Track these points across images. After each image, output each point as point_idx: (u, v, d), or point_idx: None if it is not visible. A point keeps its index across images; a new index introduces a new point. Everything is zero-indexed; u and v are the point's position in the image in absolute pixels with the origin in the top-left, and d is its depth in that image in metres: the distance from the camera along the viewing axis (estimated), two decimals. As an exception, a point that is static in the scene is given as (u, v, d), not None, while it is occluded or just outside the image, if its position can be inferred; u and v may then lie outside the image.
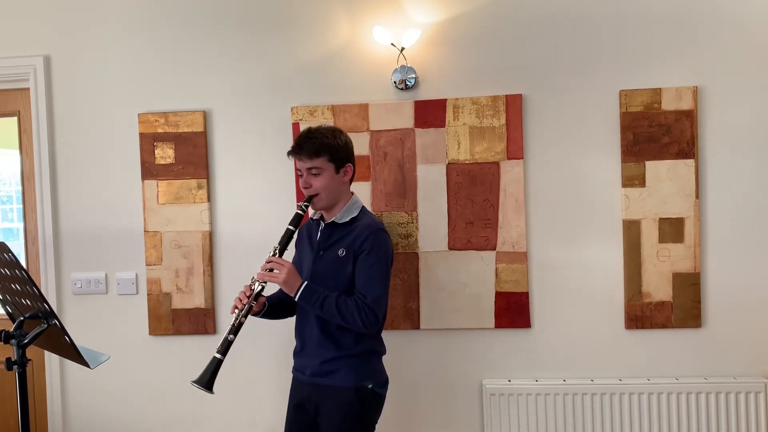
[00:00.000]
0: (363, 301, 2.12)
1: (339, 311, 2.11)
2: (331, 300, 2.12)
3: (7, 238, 3.25)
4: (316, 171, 2.18)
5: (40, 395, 3.11)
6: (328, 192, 2.21)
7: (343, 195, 2.27)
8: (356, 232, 2.20)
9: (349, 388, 2.17)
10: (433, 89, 2.82)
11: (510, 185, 2.78)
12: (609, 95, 2.75)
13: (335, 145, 2.20)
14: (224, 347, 2.14)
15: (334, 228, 2.25)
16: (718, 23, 2.71)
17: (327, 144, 2.18)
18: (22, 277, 1.83)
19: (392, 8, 2.82)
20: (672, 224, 2.72)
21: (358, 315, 2.11)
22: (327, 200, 2.23)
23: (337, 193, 2.24)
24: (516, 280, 2.79)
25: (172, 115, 2.92)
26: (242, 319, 2.15)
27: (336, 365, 2.19)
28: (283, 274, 2.13)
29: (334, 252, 2.21)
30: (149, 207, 2.95)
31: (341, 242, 2.22)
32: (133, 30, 2.96)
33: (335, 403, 2.18)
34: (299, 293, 2.13)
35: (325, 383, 2.20)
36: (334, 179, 2.21)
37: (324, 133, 2.20)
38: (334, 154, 2.19)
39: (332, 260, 2.21)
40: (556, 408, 2.73)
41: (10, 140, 3.14)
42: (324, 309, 2.13)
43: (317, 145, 2.17)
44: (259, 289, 2.18)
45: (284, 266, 2.14)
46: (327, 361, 2.19)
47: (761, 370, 2.73)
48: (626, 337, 2.78)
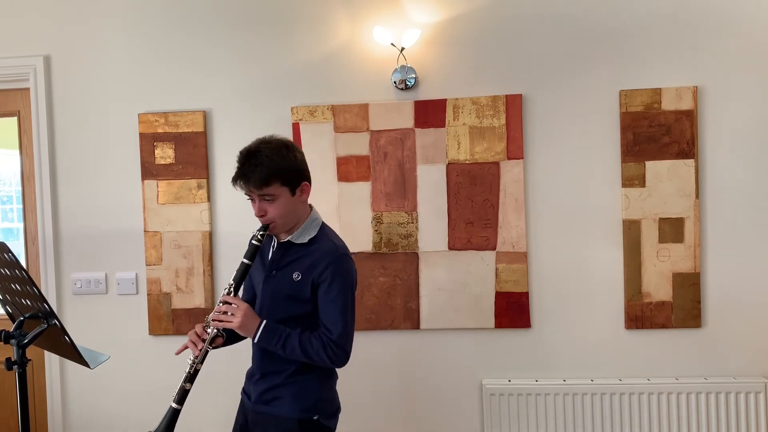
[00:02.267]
0: (329, 338, 1.92)
1: (303, 351, 1.91)
2: (294, 340, 1.92)
3: (7, 238, 3.25)
4: (269, 198, 1.92)
5: (40, 395, 3.11)
6: (285, 218, 1.96)
7: (302, 214, 2.01)
8: (315, 257, 1.96)
9: (292, 419, 1.96)
10: (433, 89, 2.82)
11: (510, 185, 2.78)
12: (609, 95, 2.75)
13: (286, 166, 1.92)
14: (180, 396, 1.95)
15: (290, 247, 2.00)
16: (718, 23, 2.71)
17: (277, 168, 1.89)
18: (22, 277, 1.83)
19: (392, 8, 2.82)
20: (672, 224, 2.72)
21: (325, 353, 1.91)
22: (285, 225, 1.98)
23: (295, 215, 1.98)
24: (516, 280, 2.79)
25: (172, 115, 2.93)
26: (198, 366, 1.95)
27: (279, 392, 1.99)
28: (239, 318, 1.91)
29: (289, 274, 1.98)
30: (149, 207, 2.95)
31: (297, 264, 1.98)
32: (133, 30, 2.96)
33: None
34: (258, 336, 1.92)
35: (266, 411, 2.00)
36: (290, 203, 1.94)
37: (271, 156, 1.90)
38: (285, 177, 1.91)
39: (286, 282, 1.98)
40: (556, 408, 2.73)
41: (10, 140, 3.14)
42: (287, 350, 1.92)
43: (266, 173, 1.88)
44: (214, 333, 1.95)
45: (239, 308, 1.92)
46: (270, 388, 2.01)
47: (761, 370, 2.73)
48: (626, 337, 2.78)
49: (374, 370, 2.87)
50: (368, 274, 2.83)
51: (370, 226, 2.84)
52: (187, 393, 1.96)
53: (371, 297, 2.84)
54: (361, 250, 2.84)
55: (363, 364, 2.88)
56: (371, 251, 2.84)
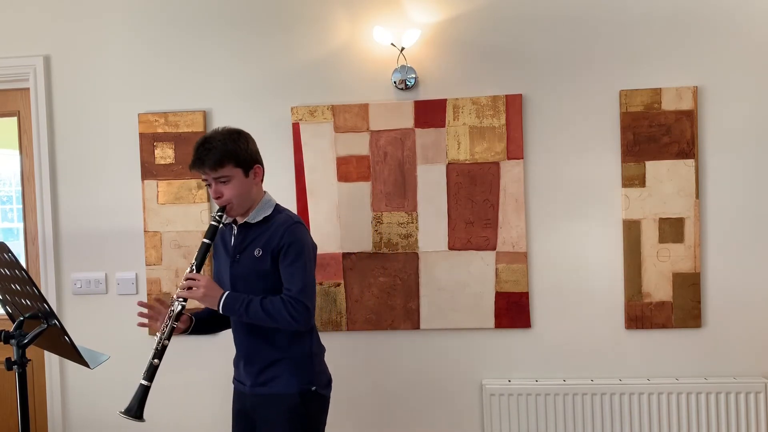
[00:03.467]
0: (288, 295, 2.04)
1: (265, 312, 2.02)
2: (256, 303, 2.03)
3: (7, 238, 3.25)
4: (224, 179, 2.07)
5: (40, 395, 3.11)
6: (240, 198, 2.10)
7: (256, 196, 2.16)
8: (272, 230, 2.10)
9: (292, 394, 2.08)
10: (433, 89, 2.82)
11: (510, 185, 2.78)
12: (609, 95, 2.75)
13: (238, 149, 2.08)
14: (150, 373, 2.04)
15: (248, 229, 2.15)
16: (718, 23, 2.71)
17: (229, 150, 2.06)
18: (22, 277, 1.83)
19: (392, 8, 2.81)
20: (672, 224, 2.72)
21: (286, 310, 2.01)
22: (241, 206, 2.12)
23: (249, 197, 2.13)
24: (516, 280, 2.79)
25: (172, 115, 2.92)
26: (165, 342, 2.06)
27: (275, 372, 2.10)
28: (201, 289, 2.05)
29: (251, 253, 2.12)
30: (149, 207, 2.95)
31: (256, 242, 2.12)
32: (134, 30, 2.96)
33: (278, 410, 2.08)
34: (221, 304, 2.05)
35: (266, 392, 2.11)
36: (244, 184, 2.10)
37: (223, 140, 2.07)
38: (238, 159, 2.08)
39: (250, 261, 2.12)
40: (556, 408, 2.73)
41: (10, 140, 3.14)
42: (250, 314, 2.04)
43: (219, 154, 2.04)
44: (179, 309, 2.07)
45: (200, 281, 2.06)
46: (264, 369, 2.11)
47: (761, 370, 2.73)
48: (626, 337, 2.78)
49: (374, 370, 2.87)
50: (368, 274, 2.83)
51: (370, 226, 2.84)
52: (156, 369, 2.06)
53: (371, 297, 2.84)
54: (361, 250, 2.84)
55: (363, 364, 2.88)
56: (371, 251, 2.84)
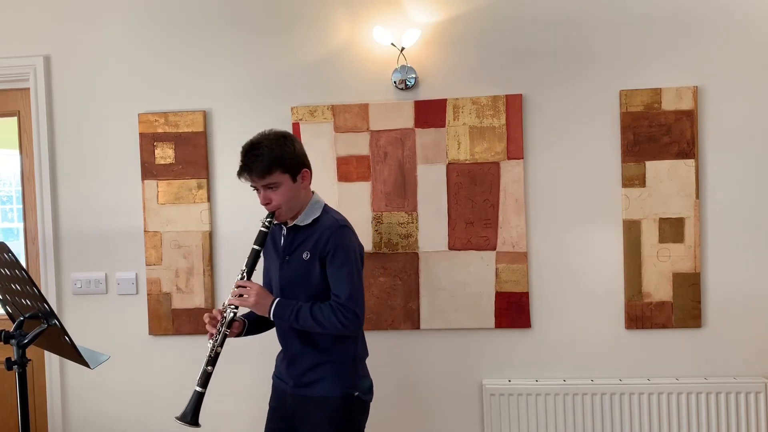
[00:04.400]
0: (337, 302, 2.05)
1: (315, 319, 2.04)
2: (305, 311, 2.05)
3: (7, 238, 3.25)
4: (272, 186, 2.07)
5: (40, 395, 3.11)
6: (289, 203, 2.10)
7: (305, 199, 2.16)
8: (318, 233, 2.11)
9: (335, 397, 2.09)
10: (433, 89, 2.82)
11: (510, 185, 2.78)
12: (609, 95, 2.75)
13: (285, 154, 2.07)
14: (203, 380, 2.06)
15: (297, 231, 2.15)
16: (718, 23, 2.71)
17: (277, 157, 2.05)
18: (22, 277, 1.83)
19: (392, 8, 2.82)
20: (672, 224, 2.72)
21: (335, 317, 2.03)
22: (290, 211, 2.13)
23: (298, 201, 2.13)
24: (516, 280, 2.79)
25: (172, 115, 2.93)
26: (218, 349, 2.07)
27: (318, 374, 2.12)
28: (252, 297, 2.07)
29: (299, 256, 2.12)
30: (149, 207, 2.95)
31: (305, 245, 2.12)
32: (134, 30, 2.96)
33: (320, 413, 2.10)
34: (272, 311, 2.07)
35: (309, 394, 2.12)
36: (292, 189, 2.10)
37: (270, 146, 2.05)
38: (286, 164, 2.07)
39: (298, 264, 2.12)
40: (556, 408, 2.73)
41: (10, 140, 3.14)
42: (300, 321, 2.06)
43: (266, 161, 2.03)
44: (231, 316, 2.08)
45: (252, 288, 2.08)
46: (308, 370, 2.13)
47: (761, 370, 2.73)
48: (626, 337, 2.78)
49: (374, 370, 2.85)
50: (368, 274, 2.83)
51: (370, 226, 2.84)
52: (210, 376, 2.06)
53: (371, 297, 2.84)
54: (361, 250, 2.85)
55: (363, 364, 2.88)
56: (371, 251, 2.84)
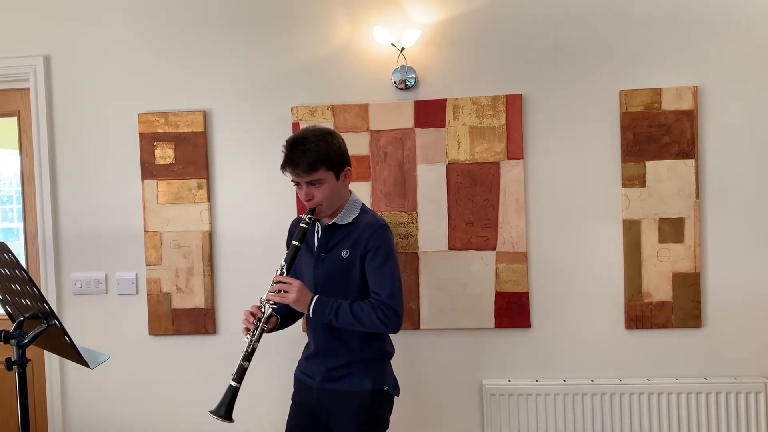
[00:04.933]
0: (378, 300, 2.05)
1: (355, 317, 2.04)
2: (345, 308, 2.05)
3: (7, 238, 3.25)
4: (316, 182, 2.06)
5: (40, 395, 3.11)
6: (331, 200, 2.10)
7: (345, 197, 2.17)
8: (359, 232, 2.11)
9: (365, 392, 2.11)
10: (433, 89, 2.82)
11: (510, 185, 2.78)
12: (609, 95, 2.75)
13: (331, 152, 2.07)
14: (239, 375, 2.04)
15: (336, 230, 2.16)
16: (718, 23, 2.71)
17: (323, 153, 2.04)
18: (22, 277, 1.83)
19: (392, 8, 2.81)
20: (672, 224, 2.72)
21: (376, 315, 2.03)
22: (330, 208, 2.13)
23: (339, 199, 2.13)
24: (516, 280, 2.79)
25: (172, 115, 2.92)
26: (255, 344, 2.06)
27: (348, 369, 2.13)
28: (294, 293, 2.05)
29: (338, 254, 2.13)
30: (149, 207, 2.95)
31: (344, 243, 2.13)
32: (134, 30, 2.96)
33: (350, 407, 2.11)
34: (311, 308, 2.07)
35: (337, 388, 2.14)
36: (335, 187, 2.10)
37: (317, 142, 2.05)
38: (331, 162, 2.07)
39: (336, 263, 2.13)
40: (556, 408, 2.73)
41: (10, 140, 3.14)
42: (339, 319, 2.05)
43: (313, 157, 2.03)
44: (269, 312, 2.08)
45: (293, 285, 2.06)
46: (338, 366, 2.14)
47: (761, 370, 2.73)
48: (626, 337, 2.78)
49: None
50: (368, 274, 2.83)
51: (370, 226, 2.84)
52: (245, 371, 2.06)
53: (371, 297, 2.84)
54: (361, 250, 2.85)
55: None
56: (371, 251, 2.84)
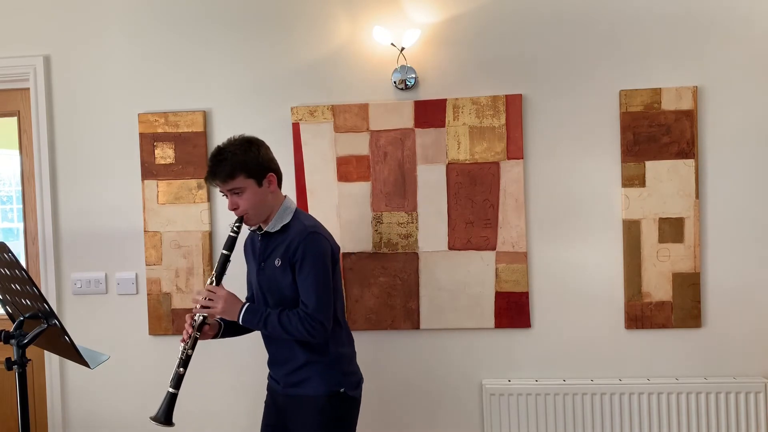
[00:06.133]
0: (305, 312, 2.05)
1: (283, 328, 2.06)
2: (273, 318, 2.07)
3: (7, 238, 3.25)
4: (237, 191, 2.09)
5: (40, 395, 3.11)
6: (256, 208, 2.12)
7: (275, 204, 2.16)
8: (289, 239, 2.11)
9: (321, 396, 2.11)
10: (433, 89, 2.82)
11: (510, 185, 2.78)
12: (609, 95, 2.75)
13: (249, 160, 2.08)
14: (176, 381, 2.10)
15: (270, 237, 2.17)
16: (717, 23, 2.70)
17: (239, 162, 2.07)
18: (22, 277, 1.83)
19: (392, 8, 2.81)
20: (672, 224, 2.72)
21: (302, 326, 2.04)
22: (257, 216, 2.14)
23: (266, 206, 2.14)
24: (516, 280, 2.79)
25: (172, 115, 2.92)
26: (189, 351, 2.10)
27: (305, 374, 2.13)
28: (220, 304, 2.09)
29: (272, 262, 2.14)
30: (149, 207, 2.95)
31: (276, 251, 2.14)
32: (133, 30, 2.96)
33: (307, 412, 2.12)
34: (241, 318, 2.09)
35: (296, 393, 2.15)
36: (258, 194, 2.11)
37: (233, 151, 2.08)
38: (250, 169, 2.08)
39: (272, 271, 2.14)
40: (556, 408, 2.73)
41: (10, 140, 3.14)
42: (268, 328, 2.08)
43: (229, 166, 2.06)
44: (201, 320, 2.11)
45: (220, 295, 2.10)
46: (295, 370, 2.15)
47: (761, 370, 2.73)
48: (626, 337, 2.78)
49: (374, 370, 2.87)
50: (368, 274, 2.83)
51: (370, 226, 2.84)
52: (182, 377, 2.11)
53: (371, 297, 2.84)
54: (361, 250, 2.84)
55: (363, 364, 2.86)
56: (371, 251, 2.84)
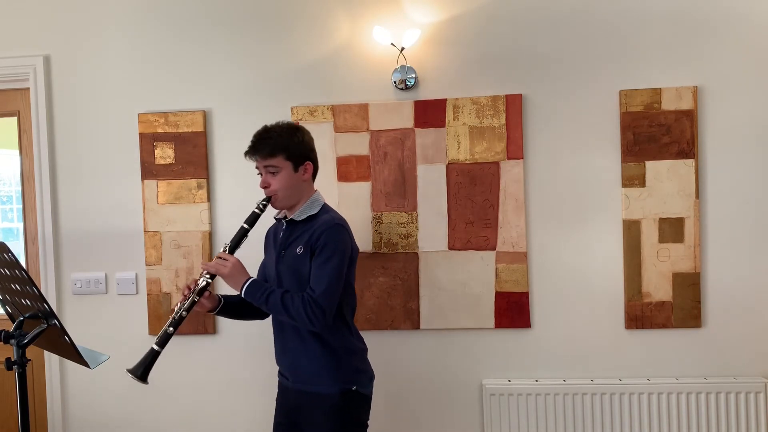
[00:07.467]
0: (310, 296, 2.05)
1: (284, 307, 2.05)
2: (276, 296, 2.07)
3: (7, 238, 3.25)
4: (273, 170, 2.13)
5: (40, 395, 3.11)
6: (286, 191, 2.15)
7: (304, 193, 2.20)
8: (313, 229, 2.13)
9: (334, 394, 2.11)
10: (433, 89, 2.82)
11: (510, 185, 2.78)
12: (609, 95, 2.75)
13: (292, 143, 2.14)
14: (162, 339, 2.08)
15: (294, 226, 2.19)
16: (717, 23, 2.70)
17: (283, 142, 2.12)
18: (22, 277, 1.83)
19: (392, 8, 2.81)
20: (672, 224, 2.72)
21: (303, 310, 2.03)
22: (286, 199, 2.17)
23: (296, 192, 2.17)
24: (516, 280, 2.79)
25: (172, 115, 2.92)
26: (183, 313, 2.10)
27: (316, 370, 2.14)
28: (228, 267, 2.10)
29: (294, 250, 2.15)
30: (149, 207, 2.95)
31: (299, 240, 2.15)
32: (133, 30, 2.96)
33: (320, 409, 2.12)
34: (243, 289, 2.10)
35: (308, 389, 2.15)
36: (292, 178, 2.15)
37: (280, 132, 2.14)
38: (291, 152, 2.13)
39: (292, 259, 2.15)
40: (556, 408, 2.73)
41: (10, 140, 3.14)
42: (269, 305, 2.08)
43: (272, 144, 2.12)
44: (203, 284, 2.13)
45: (230, 261, 2.12)
46: (306, 365, 2.15)
47: (761, 370, 2.73)
48: (626, 337, 2.78)
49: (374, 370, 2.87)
50: (368, 274, 2.83)
51: (370, 226, 2.84)
52: (170, 337, 2.09)
53: (371, 297, 2.84)
54: (361, 250, 2.83)
55: (363, 364, 2.88)
56: (371, 251, 2.84)
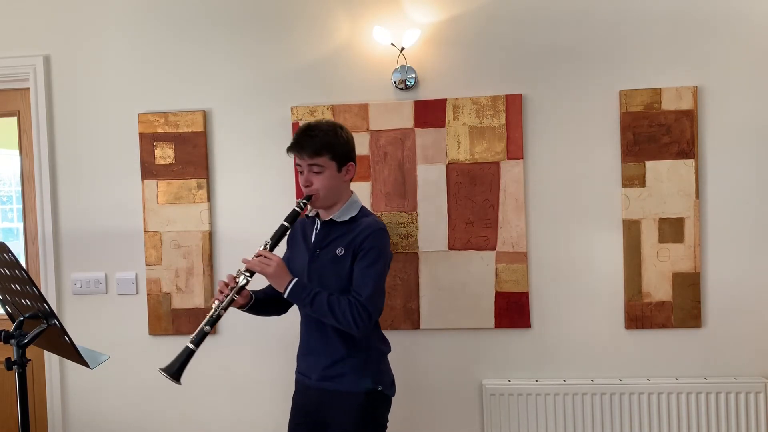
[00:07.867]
0: (357, 300, 2.03)
1: (331, 309, 2.02)
2: (322, 297, 2.03)
3: (7, 238, 3.25)
4: (317, 169, 2.08)
5: (40, 395, 3.11)
6: (328, 191, 2.11)
7: (343, 194, 2.17)
8: (357, 231, 2.10)
9: (358, 393, 2.10)
10: (433, 89, 2.82)
11: (510, 185, 2.78)
12: (609, 95, 2.75)
13: (337, 143, 2.10)
14: (199, 338, 2.01)
15: (332, 226, 2.16)
16: (718, 23, 2.70)
17: (329, 142, 2.08)
18: (21, 277, 1.83)
19: (392, 8, 2.81)
20: (672, 224, 2.72)
21: (350, 313, 2.01)
22: (327, 199, 2.13)
23: (336, 193, 2.14)
24: (516, 280, 2.79)
25: (172, 115, 2.92)
26: (221, 311, 2.04)
27: (342, 369, 2.11)
28: (273, 267, 2.03)
29: (332, 251, 2.12)
30: (149, 207, 2.95)
31: (340, 241, 2.12)
32: (133, 30, 2.96)
33: (345, 408, 2.10)
34: (289, 289, 2.04)
35: (332, 388, 2.12)
36: (335, 178, 2.11)
37: (325, 130, 2.10)
38: (336, 152, 2.09)
39: (330, 259, 2.12)
40: (556, 408, 2.73)
41: (10, 140, 3.14)
42: (314, 307, 2.04)
43: (318, 144, 2.07)
44: (243, 283, 2.06)
45: (274, 260, 2.04)
46: (332, 364, 2.12)
47: (761, 370, 2.73)
48: (626, 337, 2.78)
49: (374, 370, 2.88)
50: (368, 274, 2.83)
51: (370, 226, 2.84)
52: (206, 335, 2.02)
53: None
54: (361, 250, 2.84)
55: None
56: (371, 251, 2.84)
